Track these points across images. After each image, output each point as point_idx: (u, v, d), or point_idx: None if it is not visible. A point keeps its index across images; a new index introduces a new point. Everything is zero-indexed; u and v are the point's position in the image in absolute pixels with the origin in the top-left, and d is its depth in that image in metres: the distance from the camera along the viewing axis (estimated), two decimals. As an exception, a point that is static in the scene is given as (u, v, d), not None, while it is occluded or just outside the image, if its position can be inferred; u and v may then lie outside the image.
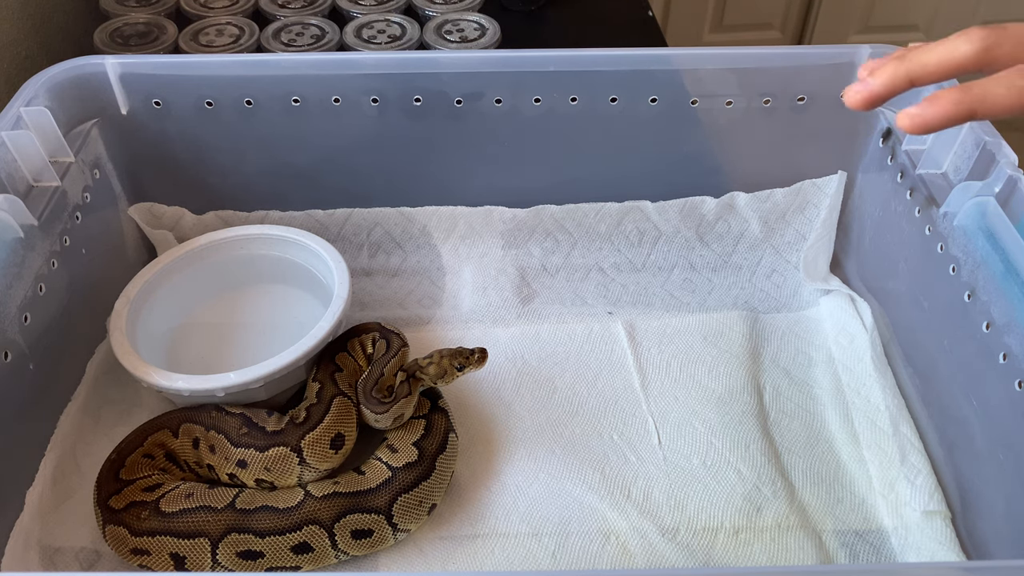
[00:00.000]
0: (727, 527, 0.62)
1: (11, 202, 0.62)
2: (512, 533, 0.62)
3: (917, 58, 0.39)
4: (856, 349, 0.73)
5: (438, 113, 0.75)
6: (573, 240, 0.81)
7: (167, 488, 0.60)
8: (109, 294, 0.69)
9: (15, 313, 0.61)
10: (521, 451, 0.67)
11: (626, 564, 0.60)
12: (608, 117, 0.75)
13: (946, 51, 0.39)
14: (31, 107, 0.66)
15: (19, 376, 0.62)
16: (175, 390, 0.62)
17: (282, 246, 0.74)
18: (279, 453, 0.60)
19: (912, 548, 0.60)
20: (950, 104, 0.39)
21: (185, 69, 0.72)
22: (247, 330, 0.73)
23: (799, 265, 0.80)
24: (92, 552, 0.61)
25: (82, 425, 0.68)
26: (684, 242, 0.81)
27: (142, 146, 0.76)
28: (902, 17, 2.01)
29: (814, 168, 0.79)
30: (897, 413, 0.68)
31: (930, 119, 0.39)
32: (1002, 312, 0.58)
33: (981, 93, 0.38)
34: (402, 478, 0.60)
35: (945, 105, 0.39)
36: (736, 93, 0.74)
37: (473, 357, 0.64)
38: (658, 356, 0.74)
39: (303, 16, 0.99)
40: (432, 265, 0.81)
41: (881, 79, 0.40)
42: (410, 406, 0.64)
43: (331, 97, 0.74)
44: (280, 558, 0.58)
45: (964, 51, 0.38)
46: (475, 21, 0.99)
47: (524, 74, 0.73)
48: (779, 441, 0.68)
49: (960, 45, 0.38)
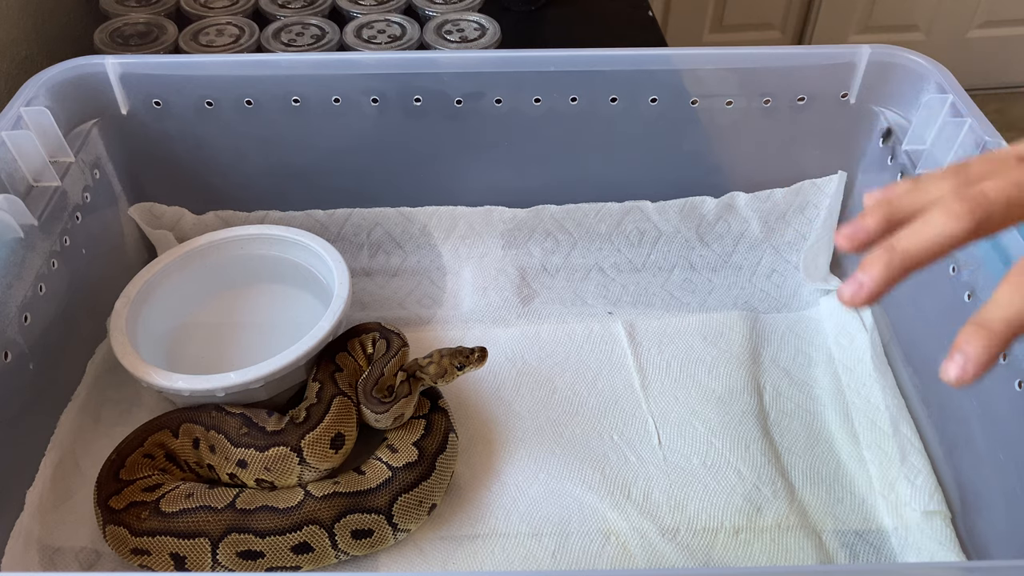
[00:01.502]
0: (727, 527, 0.62)
1: (11, 202, 0.62)
2: (512, 533, 0.62)
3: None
4: (856, 349, 0.73)
5: (438, 113, 0.75)
6: (573, 240, 0.81)
7: (167, 488, 0.60)
8: (109, 294, 0.69)
9: (15, 313, 0.61)
10: (521, 451, 0.67)
11: (626, 564, 0.60)
12: (608, 117, 0.75)
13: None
14: (31, 107, 0.66)
15: (19, 376, 0.62)
16: (175, 390, 0.62)
17: (282, 246, 0.74)
18: (279, 453, 0.60)
19: (912, 548, 0.60)
20: (883, 266, 0.37)
21: (185, 69, 0.72)
22: (247, 330, 0.73)
23: (799, 265, 0.80)
24: (92, 552, 0.61)
25: (82, 425, 0.68)
26: (684, 242, 0.81)
27: (142, 146, 0.76)
28: (902, 17, 2.01)
29: (814, 168, 0.79)
30: (897, 413, 0.68)
31: (873, 293, 0.37)
32: (1002, 312, 0.58)
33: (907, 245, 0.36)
34: (402, 478, 0.60)
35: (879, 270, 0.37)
36: (736, 93, 0.74)
37: (473, 356, 0.64)
38: (658, 356, 0.74)
39: (303, 16, 0.99)
40: (432, 265, 0.81)
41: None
42: (410, 406, 0.64)
43: (331, 97, 0.74)
44: (280, 558, 0.58)
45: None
46: (475, 21, 0.99)
47: (524, 74, 0.73)
48: (779, 441, 0.68)
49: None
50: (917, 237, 0.36)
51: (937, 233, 0.35)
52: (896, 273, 0.37)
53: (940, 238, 0.35)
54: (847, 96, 0.74)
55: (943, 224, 0.35)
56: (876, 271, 0.37)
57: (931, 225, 0.36)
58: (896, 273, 0.37)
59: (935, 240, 0.36)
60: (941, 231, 0.35)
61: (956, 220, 0.35)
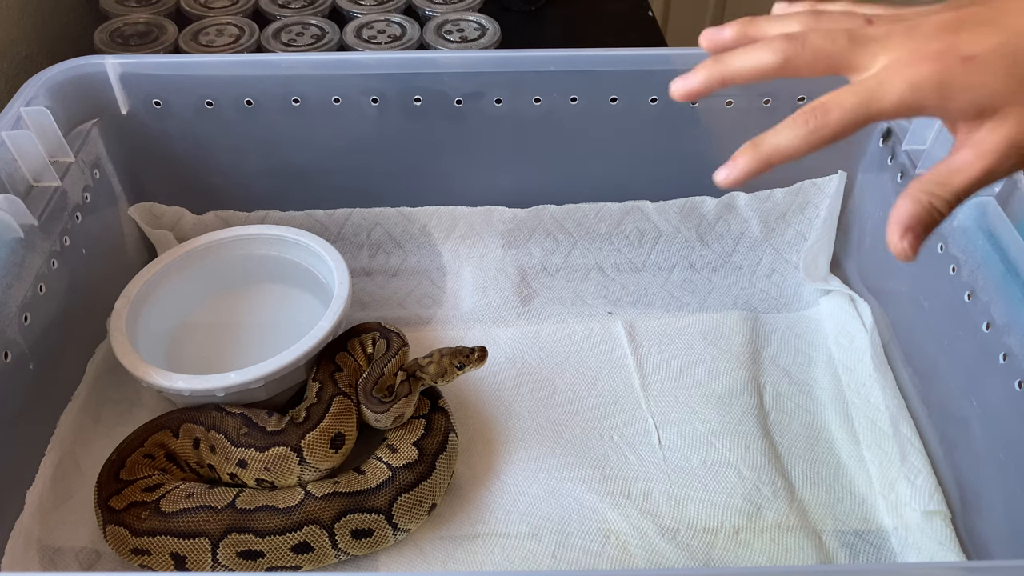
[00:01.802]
0: (727, 527, 0.62)
1: (11, 202, 0.62)
2: (512, 533, 0.62)
3: (729, 63, 0.44)
4: (856, 349, 0.73)
5: (438, 113, 0.75)
6: (573, 240, 0.81)
7: (167, 488, 0.60)
8: (109, 294, 0.69)
9: (15, 313, 0.61)
10: (521, 451, 0.67)
11: (626, 564, 0.60)
12: (608, 117, 0.75)
13: (752, 60, 0.43)
14: (31, 107, 0.66)
15: (19, 376, 0.62)
16: (175, 390, 0.62)
17: (282, 246, 0.74)
18: (279, 453, 0.60)
19: (912, 548, 0.60)
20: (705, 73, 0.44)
21: (185, 69, 0.72)
22: (247, 330, 0.73)
23: (799, 265, 0.80)
24: (92, 552, 0.61)
25: (82, 425, 0.68)
26: (684, 242, 0.81)
27: (142, 146, 0.76)
28: (902, 17, 2.00)
29: (814, 168, 0.79)
30: (897, 413, 0.68)
31: (738, 177, 0.43)
32: (1002, 312, 0.58)
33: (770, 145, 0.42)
34: (402, 478, 0.60)
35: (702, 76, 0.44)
36: (736, 93, 0.74)
37: (473, 356, 0.64)
38: (658, 356, 0.74)
39: (303, 16, 0.99)
40: (432, 265, 0.81)
41: (699, 78, 0.45)
42: (410, 405, 0.64)
43: (331, 97, 0.74)
44: (280, 558, 0.58)
45: (768, 61, 0.42)
46: (475, 21, 0.99)
47: (524, 74, 0.73)
48: (779, 441, 0.68)
49: (765, 55, 0.42)
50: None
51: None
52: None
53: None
54: (847, 96, 0.74)
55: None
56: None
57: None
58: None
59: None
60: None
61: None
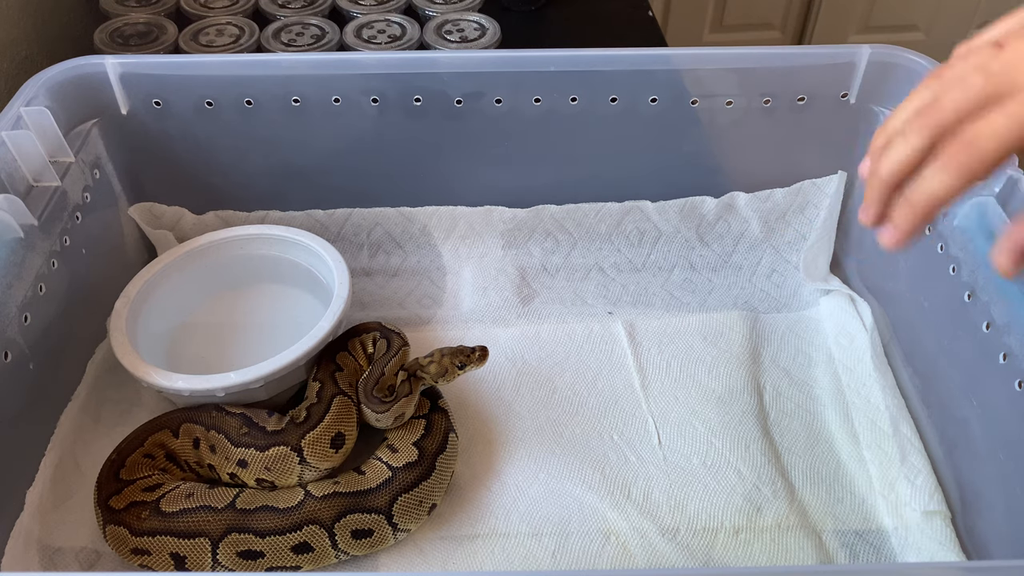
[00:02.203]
0: (727, 527, 0.62)
1: (11, 202, 0.62)
2: (512, 533, 0.62)
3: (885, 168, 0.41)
4: (856, 349, 0.73)
5: (438, 113, 0.75)
6: (573, 240, 0.81)
7: (167, 488, 0.60)
8: (109, 294, 0.69)
9: (15, 313, 0.61)
10: (521, 451, 0.67)
11: (626, 564, 0.60)
12: (608, 117, 0.75)
13: (896, 165, 0.40)
14: (31, 107, 0.66)
15: (19, 376, 0.62)
16: (175, 390, 0.62)
17: (282, 246, 0.74)
18: (279, 452, 0.60)
19: (912, 548, 0.60)
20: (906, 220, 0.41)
21: (185, 69, 0.72)
22: (247, 330, 0.73)
23: (799, 265, 0.80)
24: (92, 552, 0.61)
25: (82, 425, 0.68)
26: (684, 242, 0.81)
27: (142, 146, 0.76)
28: (902, 17, 2.00)
29: (814, 168, 0.79)
30: (897, 413, 0.68)
31: (903, 238, 0.41)
32: (1002, 312, 0.58)
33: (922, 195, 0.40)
34: (402, 478, 0.60)
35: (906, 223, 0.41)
36: (736, 93, 0.74)
37: (474, 355, 0.64)
38: (658, 356, 0.74)
39: (303, 16, 0.99)
40: (432, 265, 0.81)
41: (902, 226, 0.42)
42: (411, 405, 0.64)
43: (331, 97, 0.74)
44: (280, 558, 0.58)
45: (913, 151, 0.40)
46: (475, 21, 0.99)
47: (524, 74, 0.73)
48: (779, 441, 0.68)
49: (904, 150, 0.40)
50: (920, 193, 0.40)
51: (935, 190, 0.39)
52: (887, 192, 0.41)
53: (906, 156, 0.40)
54: (847, 96, 0.74)
55: (900, 153, 0.40)
56: (901, 220, 0.41)
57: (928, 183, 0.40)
58: (887, 192, 0.41)
59: (897, 169, 0.40)
60: (938, 189, 0.39)
61: (913, 142, 0.39)
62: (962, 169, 0.38)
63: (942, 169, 0.38)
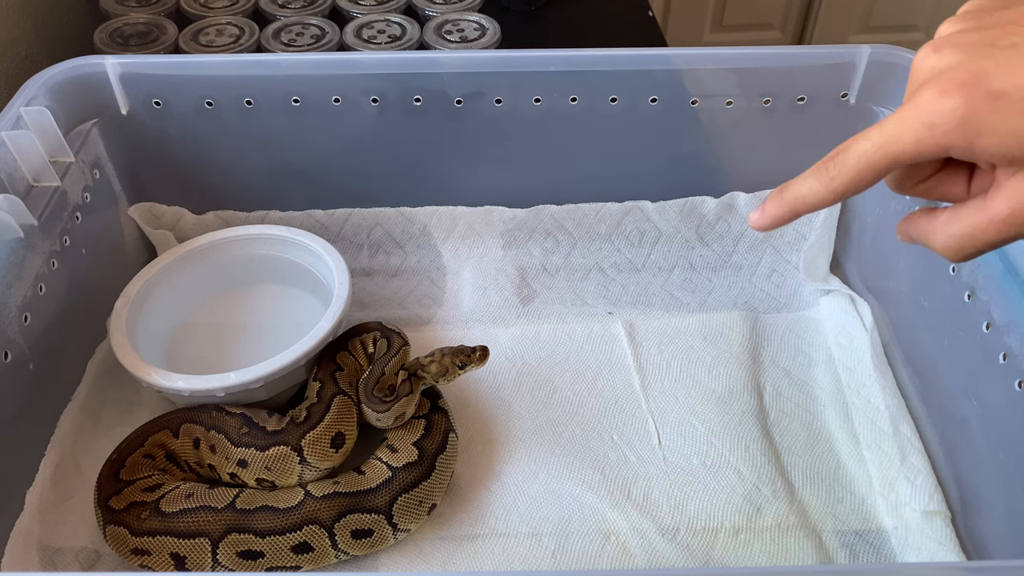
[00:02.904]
0: (727, 527, 0.62)
1: (11, 202, 0.62)
2: (512, 533, 0.62)
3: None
4: (856, 349, 0.73)
5: (438, 113, 0.75)
6: (573, 240, 0.81)
7: (167, 488, 0.60)
8: (109, 294, 0.69)
9: (15, 313, 0.61)
10: (521, 451, 0.67)
11: (626, 564, 0.60)
12: (608, 117, 0.75)
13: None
14: (31, 107, 0.66)
15: (19, 376, 0.62)
16: (175, 390, 0.62)
17: (282, 246, 0.74)
18: (280, 452, 0.60)
19: (912, 548, 0.60)
20: (774, 208, 0.45)
21: (185, 69, 0.72)
22: (247, 330, 0.73)
23: (799, 265, 0.80)
24: (92, 552, 0.61)
25: (82, 425, 0.68)
26: (684, 242, 0.81)
27: (142, 146, 0.76)
28: (902, 17, 2.00)
29: (814, 168, 0.79)
30: (897, 413, 0.68)
31: (766, 223, 0.45)
32: (1002, 312, 0.58)
33: (793, 192, 0.44)
34: (402, 478, 0.60)
35: (773, 211, 0.45)
36: (736, 93, 0.74)
37: (475, 355, 0.64)
38: (658, 356, 0.74)
39: (303, 16, 0.99)
40: (432, 265, 0.81)
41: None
42: (411, 405, 0.64)
43: (331, 97, 0.74)
44: (280, 558, 0.58)
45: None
46: (475, 21, 0.99)
47: (524, 74, 0.73)
48: (779, 441, 0.68)
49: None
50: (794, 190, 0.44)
51: (806, 189, 0.43)
52: (782, 215, 0.45)
53: (808, 193, 0.43)
54: (847, 96, 0.74)
55: (808, 183, 0.43)
56: (769, 207, 0.46)
57: (803, 181, 0.43)
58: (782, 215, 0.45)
59: (806, 194, 0.43)
60: (808, 189, 0.43)
61: (817, 182, 0.42)
62: (831, 181, 0.41)
63: (814, 175, 0.41)
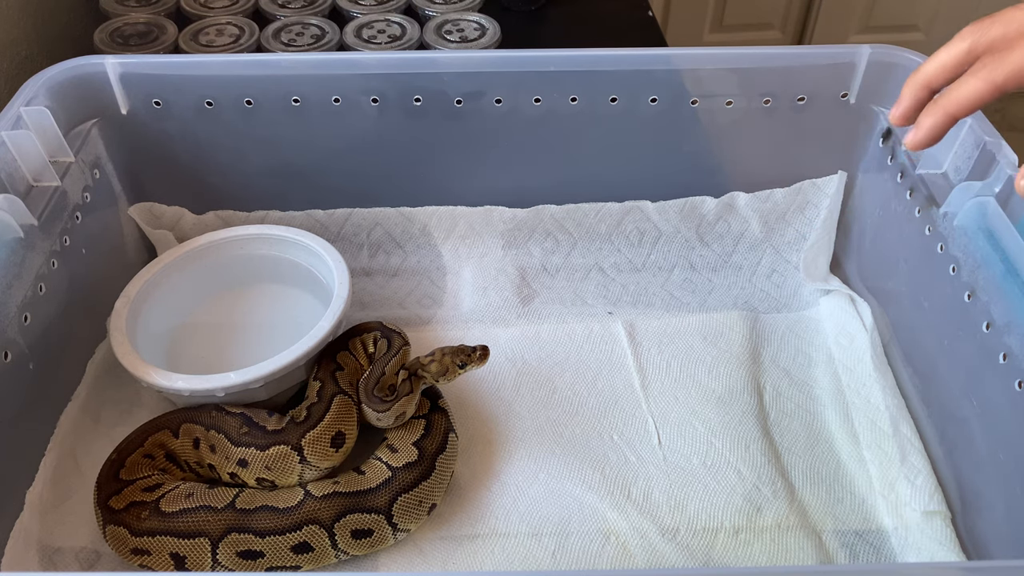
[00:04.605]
0: (727, 527, 0.62)
1: (11, 202, 0.62)
2: (512, 533, 0.62)
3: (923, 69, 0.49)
4: (856, 349, 0.73)
5: (438, 113, 0.75)
6: (573, 240, 0.81)
7: (167, 488, 0.60)
8: (109, 294, 0.69)
9: (15, 313, 0.61)
10: (521, 451, 0.67)
11: (626, 564, 0.60)
12: (608, 117, 0.75)
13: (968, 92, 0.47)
14: (31, 107, 0.66)
15: (19, 376, 0.62)
16: (175, 390, 0.62)
17: (282, 246, 0.74)
18: (280, 452, 0.60)
19: (912, 548, 0.60)
20: (929, 118, 0.49)
21: (185, 69, 0.72)
22: (247, 330, 0.73)
23: (799, 265, 0.80)
24: (92, 552, 0.61)
25: (82, 425, 0.68)
26: (684, 242, 0.81)
27: (142, 146, 0.76)
28: (902, 17, 2.00)
29: (814, 168, 0.79)
30: (897, 413, 0.68)
31: (923, 137, 0.49)
32: (1002, 312, 0.58)
33: (951, 98, 0.47)
34: (402, 478, 0.60)
35: (929, 121, 0.49)
36: (736, 93, 0.74)
37: (475, 354, 0.64)
38: (658, 356, 0.74)
39: (303, 16, 0.99)
40: (432, 265, 0.81)
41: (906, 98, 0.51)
42: (412, 404, 0.64)
43: (331, 97, 0.74)
44: (280, 558, 0.58)
45: (980, 90, 0.46)
46: (475, 21, 0.99)
47: (524, 74, 0.73)
48: (779, 441, 0.68)
49: (976, 84, 0.46)
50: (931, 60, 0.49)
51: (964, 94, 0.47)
52: (922, 92, 0.50)
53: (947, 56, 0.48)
54: (847, 96, 0.74)
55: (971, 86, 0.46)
56: (907, 93, 0.51)
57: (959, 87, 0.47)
58: (922, 92, 0.50)
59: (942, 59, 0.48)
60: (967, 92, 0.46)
61: (961, 40, 0.47)
62: (992, 76, 0.45)
63: (973, 74, 0.45)
